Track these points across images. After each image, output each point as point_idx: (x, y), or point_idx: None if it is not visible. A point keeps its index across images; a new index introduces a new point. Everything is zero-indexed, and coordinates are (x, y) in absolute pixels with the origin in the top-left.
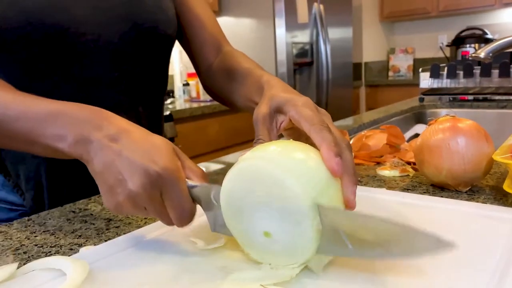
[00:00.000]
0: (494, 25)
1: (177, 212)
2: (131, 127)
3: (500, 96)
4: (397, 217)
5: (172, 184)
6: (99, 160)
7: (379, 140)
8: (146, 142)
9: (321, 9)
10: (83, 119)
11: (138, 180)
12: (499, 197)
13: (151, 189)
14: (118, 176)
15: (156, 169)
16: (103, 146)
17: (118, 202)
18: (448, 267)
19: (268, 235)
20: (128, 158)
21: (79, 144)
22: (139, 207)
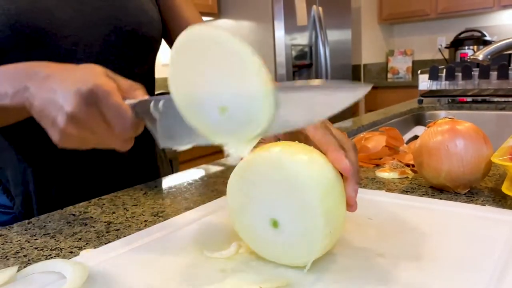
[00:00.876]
0: (492, 27)
1: (120, 123)
2: (63, 65)
3: (499, 98)
4: (396, 219)
5: (106, 96)
6: (37, 100)
7: (378, 142)
8: (77, 70)
9: (320, 11)
10: (18, 72)
11: (73, 101)
12: (498, 199)
13: (86, 106)
14: (55, 106)
15: (88, 86)
16: (38, 88)
17: (62, 130)
18: (447, 269)
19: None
20: (60, 87)
21: (19, 93)
22: (83, 129)
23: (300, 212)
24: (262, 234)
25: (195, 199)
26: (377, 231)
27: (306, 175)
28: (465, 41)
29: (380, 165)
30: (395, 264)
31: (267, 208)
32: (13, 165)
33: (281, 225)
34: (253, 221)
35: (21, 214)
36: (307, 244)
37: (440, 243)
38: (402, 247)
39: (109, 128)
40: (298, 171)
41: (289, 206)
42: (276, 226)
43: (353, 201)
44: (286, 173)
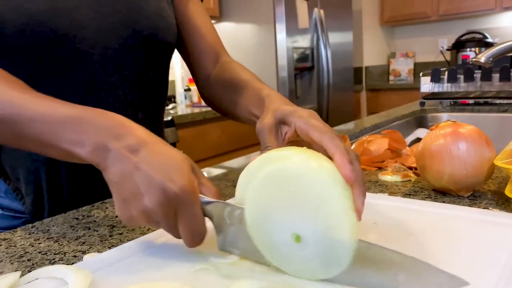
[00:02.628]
0: (494, 29)
1: (189, 234)
2: (151, 139)
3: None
4: (401, 224)
5: (188, 206)
6: (116, 170)
7: (381, 145)
8: (166, 157)
9: (321, 14)
10: (104, 127)
11: (155, 197)
12: (501, 202)
13: (166, 208)
14: (135, 190)
15: (174, 188)
16: (121, 156)
17: (132, 215)
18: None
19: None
20: (146, 173)
21: (97, 151)
22: (152, 222)
23: (326, 227)
24: (284, 249)
25: None
26: (382, 236)
27: (330, 189)
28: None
29: (382, 168)
30: None
31: (289, 222)
32: (25, 164)
33: (305, 240)
34: (274, 236)
35: (31, 213)
36: (333, 257)
37: (445, 248)
38: (408, 252)
39: (176, 228)
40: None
41: (313, 221)
42: (299, 241)
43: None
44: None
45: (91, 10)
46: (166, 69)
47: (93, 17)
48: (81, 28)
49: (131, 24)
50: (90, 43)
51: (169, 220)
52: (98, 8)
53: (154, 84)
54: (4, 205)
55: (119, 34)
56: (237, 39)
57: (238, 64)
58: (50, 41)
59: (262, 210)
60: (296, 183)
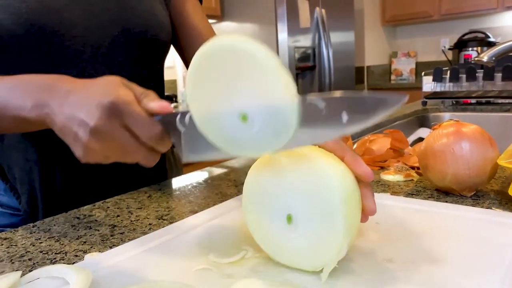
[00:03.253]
0: (496, 28)
1: (142, 130)
2: (76, 82)
3: (503, 99)
4: (404, 224)
5: (129, 107)
6: (59, 117)
7: (383, 144)
8: (96, 83)
9: (323, 13)
10: (38, 86)
11: (95, 114)
12: (504, 202)
13: (109, 119)
14: (78, 121)
15: (109, 98)
16: (59, 104)
17: (85, 145)
18: (457, 275)
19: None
20: (81, 102)
21: (38, 108)
22: (107, 142)
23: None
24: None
25: (199, 202)
26: (385, 235)
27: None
28: (468, 43)
29: (385, 168)
30: (405, 270)
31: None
32: (20, 164)
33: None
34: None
35: (26, 213)
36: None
37: (449, 248)
38: (411, 252)
39: (133, 139)
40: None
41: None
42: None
43: (373, 213)
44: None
45: (81, 8)
46: (160, 67)
47: (83, 16)
48: (71, 27)
49: (121, 22)
50: (80, 41)
51: (119, 133)
52: (88, 7)
53: (148, 82)
54: (3, 203)
55: (109, 32)
56: None
57: None
58: (39, 40)
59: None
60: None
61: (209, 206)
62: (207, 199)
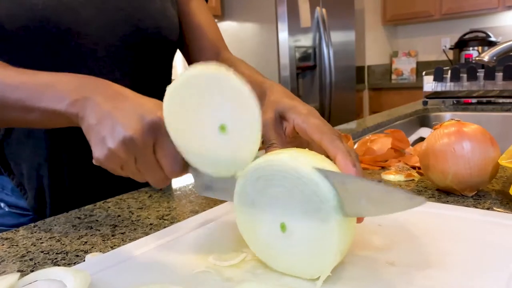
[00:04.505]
0: (497, 27)
1: (169, 161)
2: (127, 90)
3: (504, 99)
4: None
5: (168, 133)
6: (95, 113)
7: (384, 144)
8: (143, 98)
9: (323, 13)
10: (81, 83)
11: (134, 125)
12: (506, 202)
13: (146, 135)
14: (113, 124)
15: (153, 116)
16: (100, 102)
17: (110, 150)
18: (459, 277)
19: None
20: (125, 109)
21: (77, 102)
22: (130, 155)
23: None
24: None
25: (200, 202)
26: (386, 238)
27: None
28: (469, 42)
29: (385, 168)
30: (406, 273)
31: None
32: (28, 159)
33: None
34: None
35: (33, 208)
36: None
37: (451, 250)
38: (413, 255)
39: (155, 163)
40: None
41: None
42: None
43: None
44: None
45: (95, 7)
46: (168, 67)
47: (96, 14)
48: (85, 25)
49: (134, 22)
50: (93, 40)
51: (147, 151)
52: (102, 5)
53: (157, 82)
54: (11, 203)
55: (122, 32)
56: (239, 38)
57: (239, 60)
58: (53, 37)
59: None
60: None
61: (209, 206)
62: (207, 199)
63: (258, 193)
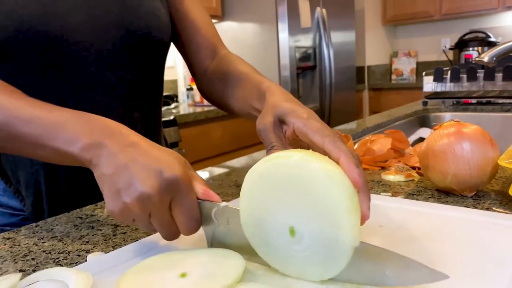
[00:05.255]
0: (497, 28)
1: (186, 219)
2: (143, 139)
3: (504, 99)
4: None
5: (186, 190)
6: (110, 163)
7: (384, 144)
8: (160, 151)
9: (323, 13)
10: (98, 127)
11: (152, 182)
12: (505, 202)
13: (163, 193)
14: (130, 178)
15: (172, 173)
16: (117, 151)
17: (125, 204)
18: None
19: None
20: (143, 162)
21: (91, 147)
22: (146, 212)
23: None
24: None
25: None
26: (388, 239)
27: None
28: (469, 43)
29: (385, 168)
30: None
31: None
32: (25, 167)
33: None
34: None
35: (31, 214)
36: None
37: (451, 252)
38: (414, 256)
39: (171, 220)
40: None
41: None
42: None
43: (366, 218)
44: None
45: (83, 13)
46: (161, 68)
47: (86, 20)
48: (74, 31)
49: (124, 25)
50: (84, 45)
51: (164, 208)
52: (90, 10)
53: (150, 83)
54: (2, 203)
55: (112, 35)
56: (239, 38)
57: (237, 57)
58: (42, 45)
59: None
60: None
61: None
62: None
63: (266, 196)
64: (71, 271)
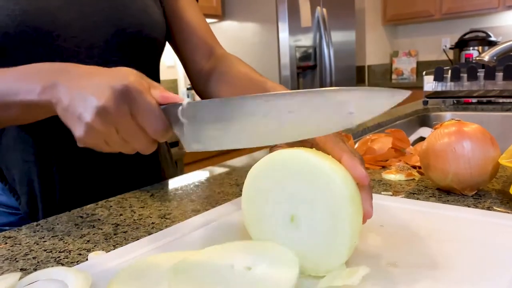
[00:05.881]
0: (497, 27)
1: (150, 122)
2: (97, 68)
3: (505, 99)
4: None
5: (140, 94)
6: (66, 95)
7: (385, 144)
8: (109, 70)
9: (324, 12)
10: (52, 69)
11: (105, 94)
12: (506, 201)
13: (119, 102)
14: (85, 99)
15: (123, 83)
16: (68, 84)
17: (88, 124)
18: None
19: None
20: (93, 83)
21: (47, 89)
22: (110, 126)
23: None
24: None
25: (201, 201)
26: (389, 238)
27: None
28: (469, 42)
29: (386, 167)
30: (409, 274)
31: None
32: (18, 165)
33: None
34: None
35: (26, 213)
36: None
37: (453, 251)
38: (415, 256)
39: (138, 127)
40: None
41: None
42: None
43: (369, 215)
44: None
45: (75, 9)
46: (155, 66)
47: (77, 17)
48: (65, 28)
49: (115, 22)
50: (75, 42)
51: (125, 118)
52: (82, 7)
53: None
54: (1, 202)
55: (104, 32)
56: (239, 38)
57: (234, 57)
58: (34, 41)
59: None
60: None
61: (211, 205)
62: (209, 198)
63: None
64: (70, 271)
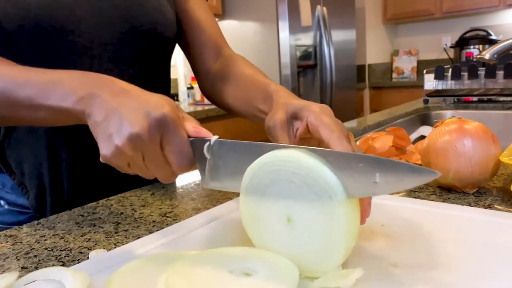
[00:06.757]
0: (498, 26)
1: (177, 156)
2: (134, 87)
3: (505, 97)
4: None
5: (174, 127)
6: (102, 109)
7: (385, 142)
8: (148, 95)
9: (324, 11)
10: (89, 80)
11: (141, 122)
12: (507, 199)
13: (153, 131)
14: (120, 121)
15: (160, 112)
16: (106, 99)
17: (117, 147)
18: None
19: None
20: (132, 105)
21: (84, 99)
22: (138, 152)
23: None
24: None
25: (202, 200)
26: (390, 238)
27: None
28: (470, 41)
29: None
30: (410, 274)
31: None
32: (29, 159)
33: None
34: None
35: (34, 208)
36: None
37: (454, 251)
38: (416, 256)
39: (163, 160)
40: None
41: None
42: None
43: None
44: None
45: (89, 5)
46: (166, 64)
47: (92, 12)
48: (79, 23)
49: (129, 19)
50: (88, 38)
51: (155, 147)
52: (97, 3)
53: (154, 79)
54: (10, 201)
55: (117, 29)
56: (239, 37)
57: (241, 57)
58: (48, 35)
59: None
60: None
61: (212, 204)
62: (209, 196)
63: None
64: (68, 271)
